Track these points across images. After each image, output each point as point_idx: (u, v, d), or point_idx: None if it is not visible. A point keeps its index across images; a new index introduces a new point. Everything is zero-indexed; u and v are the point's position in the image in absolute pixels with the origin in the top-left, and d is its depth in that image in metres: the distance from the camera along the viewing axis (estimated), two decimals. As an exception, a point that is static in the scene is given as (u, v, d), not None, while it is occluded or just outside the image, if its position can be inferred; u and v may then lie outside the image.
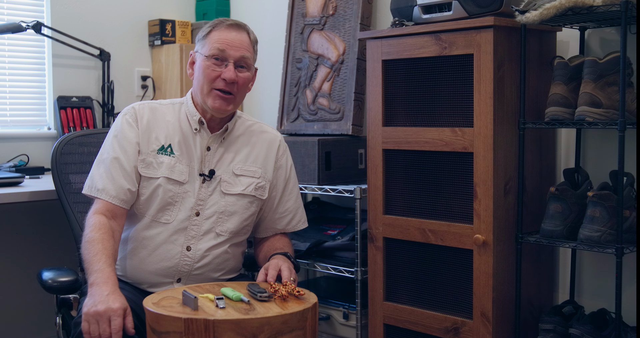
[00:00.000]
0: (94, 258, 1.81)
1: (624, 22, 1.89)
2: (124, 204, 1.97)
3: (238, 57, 1.98)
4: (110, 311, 1.67)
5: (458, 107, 2.19)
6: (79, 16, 3.13)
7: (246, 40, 2.01)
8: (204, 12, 3.47)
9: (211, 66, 1.97)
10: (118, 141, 2.00)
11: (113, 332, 1.65)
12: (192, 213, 2.00)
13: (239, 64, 1.99)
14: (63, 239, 2.93)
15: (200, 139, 2.03)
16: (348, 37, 2.80)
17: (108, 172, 1.97)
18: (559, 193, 2.07)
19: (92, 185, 1.99)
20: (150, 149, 2.01)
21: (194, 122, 2.03)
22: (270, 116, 3.17)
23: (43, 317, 2.96)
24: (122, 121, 2.03)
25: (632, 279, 2.16)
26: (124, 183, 1.96)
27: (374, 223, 2.39)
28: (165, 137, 2.02)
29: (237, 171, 2.05)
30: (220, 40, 1.97)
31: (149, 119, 2.03)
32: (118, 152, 1.99)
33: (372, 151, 2.38)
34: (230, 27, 2.00)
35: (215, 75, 1.97)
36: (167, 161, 2.00)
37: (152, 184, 1.99)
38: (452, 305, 2.24)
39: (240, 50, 1.98)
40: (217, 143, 2.05)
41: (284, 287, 1.76)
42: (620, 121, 1.89)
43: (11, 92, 3.01)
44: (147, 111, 2.05)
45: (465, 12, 2.13)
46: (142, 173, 1.99)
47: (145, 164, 2.00)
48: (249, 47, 2.01)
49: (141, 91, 3.34)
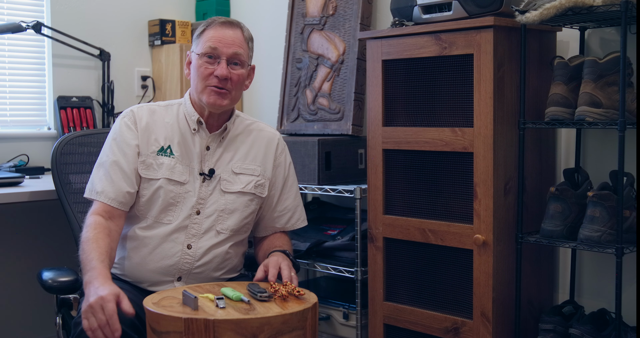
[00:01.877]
0: (88, 258, 1.81)
1: (624, 22, 1.89)
2: (122, 207, 1.97)
3: (230, 54, 1.98)
4: (100, 299, 1.65)
5: (458, 107, 2.19)
6: (79, 16, 3.13)
7: (239, 37, 2.01)
8: (204, 12, 3.47)
9: (204, 64, 1.98)
10: (117, 144, 2.01)
11: (107, 317, 1.63)
12: (193, 211, 2.00)
13: (232, 61, 1.99)
14: (63, 239, 2.93)
15: (200, 139, 2.04)
16: (348, 37, 2.80)
17: (107, 175, 1.98)
18: (559, 193, 2.07)
19: (92, 188, 2.00)
20: (149, 151, 2.01)
21: (193, 122, 2.04)
22: (270, 116, 3.17)
23: (43, 317, 2.96)
24: (120, 124, 2.04)
25: (632, 279, 2.16)
26: (123, 185, 1.97)
27: (374, 223, 2.39)
28: (164, 138, 2.03)
29: (236, 169, 2.06)
30: (213, 38, 1.98)
31: (148, 121, 2.04)
32: (117, 155, 2.00)
33: (372, 151, 2.38)
34: (223, 24, 2.01)
35: (209, 72, 1.98)
36: (167, 162, 2.00)
37: (152, 185, 1.99)
38: (452, 305, 2.24)
39: (232, 47, 1.98)
40: (216, 143, 2.05)
41: (284, 287, 1.77)
42: (620, 121, 1.89)
43: (11, 92, 3.01)
44: (146, 113, 2.06)
45: (465, 12, 2.13)
46: (142, 175, 2.00)
47: (145, 166, 2.00)
48: (242, 44, 2.01)
49: (141, 91, 3.34)
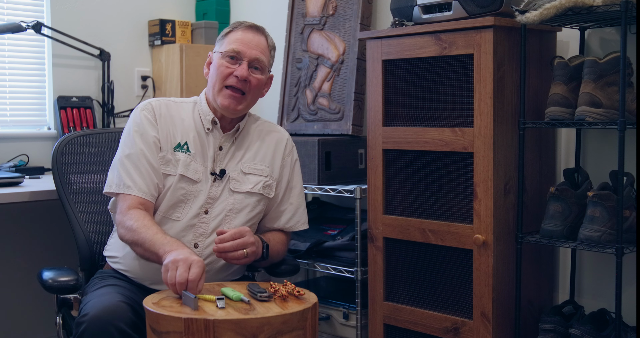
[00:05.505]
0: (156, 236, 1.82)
1: (624, 22, 1.89)
2: (154, 200, 1.98)
3: (253, 57, 2.00)
4: (192, 260, 1.69)
5: (458, 107, 2.19)
6: (79, 16, 3.13)
7: (263, 43, 2.04)
8: (204, 12, 3.47)
9: (225, 63, 2.00)
10: (140, 136, 2.00)
11: (190, 278, 1.66)
12: (202, 210, 2.00)
13: (253, 65, 2.01)
14: (63, 239, 2.93)
15: (213, 138, 2.05)
16: (348, 37, 2.80)
17: (136, 167, 1.96)
18: (559, 193, 2.07)
19: (120, 182, 1.97)
20: (168, 146, 2.02)
21: (207, 122, 2.05)
22: (271, 116, 3.17)
23: (43, 317, 2.96)
24: (141, 116, 2.02)
25: (632, 279, 2.16)
26: (153, 177, 1.97)
27: (374, 223, 2.39)
28: (181, 134, 2.03)
29: (245, 169, 2.06)
30: (238, 40, 2.01)
31: (166, 117, 2.04)
32: (143, 147, 1.98)
33: (372, 151, 2.38)
34: (248, 28, 2.04)
35: (229, 72, 1.99)
36: (184, 158, 2.01)
37: (168, 181, 1.99)
38: (452, 305, 2.24)
39: (255, 51, 2.01)
40: (229, 143, 2.07)
41: (284, 287, 1.77)
42: (620, 121, 1.89)
43: (11, 92, 3.01)
44: (164, 107, 2.06)
45: (465, 12, 2.13)
46: (161, 170, 2.00)
47: (164, 161, 2.00)
48: (265, 50, 2.04)
49: (141, 91, 3.34)
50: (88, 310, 1.76)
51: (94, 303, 1.78)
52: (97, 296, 1.85)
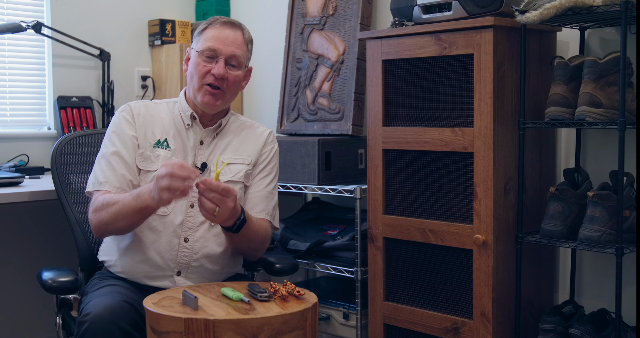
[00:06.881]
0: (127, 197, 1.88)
1: (624, 22, 1.89)
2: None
3: (229, 54, 2.01)
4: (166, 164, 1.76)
5: (458, 107, 2.19)
6: (79, 16, 3.13)
7: (239, 38, 2.04)
8: (204, 12, 3.47)
9: (202, 62, 2.01)
10: (117, 135, 2.04)
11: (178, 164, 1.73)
12: (188, 205, 2.01)
13: (229, 62, 2.02)
14: (63, 239, 2.93)
15: (193, 134, 2.07)
16: (348, 37, 2.80)
17: (109, 164, 2.00)
18: (559, 193, 2.07)
19: (95, 180, 2.01)
20: (147, 143, 2.04)
21: (186, 117, 2.07)
22: (270, 116, 3.17)
23: (43, 317, 2.96)
24: (119, 117, 2.07)
25: (632, 279, 2.16)
26: (126, 174, 2.00)
27: (374, 223, 2.39)
28: (160, 132, 2.06)
29: (226, 160, 2.07)
30: (213, 38, 2.01)
31: (145, 115, 2.08)
32: (118, 146, 2.02)
33: (372, 151, 2.38)
34: (224, 24, 2.04)
35: (206, 70, 2.01)
36: (164, 154, 2.03)
37: (149, 177, 2.01)
38: (452, 305, 2.24)
39: (231, 47, 2.01)
40: (210, 138, 2.08)
41: (284, 287, 1.77)
42: (620, 121, 1.89)
43: (11, 92, 3.01)
44: (143, 107, 2.10)
45: (465, 12, 2.13)
46: (140, 167, 2.02)
47: (143, 158, 2.03)
48: (242, 45, 2.05)
49: (141, 91, 3.34)
50: (90, 310, 1.76)
51: (96, 303, 1.78)
52: (98, 296, 1.85)
